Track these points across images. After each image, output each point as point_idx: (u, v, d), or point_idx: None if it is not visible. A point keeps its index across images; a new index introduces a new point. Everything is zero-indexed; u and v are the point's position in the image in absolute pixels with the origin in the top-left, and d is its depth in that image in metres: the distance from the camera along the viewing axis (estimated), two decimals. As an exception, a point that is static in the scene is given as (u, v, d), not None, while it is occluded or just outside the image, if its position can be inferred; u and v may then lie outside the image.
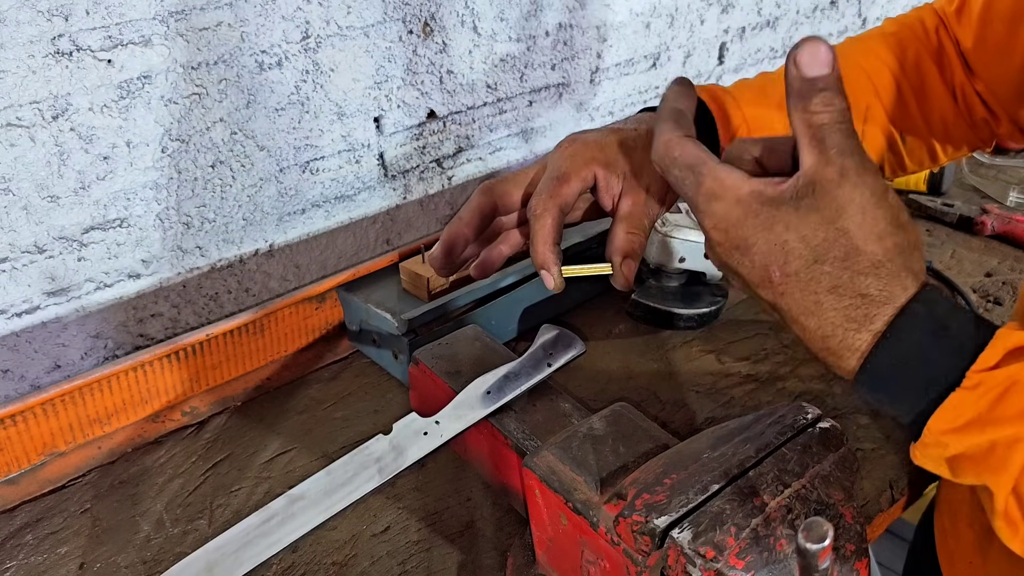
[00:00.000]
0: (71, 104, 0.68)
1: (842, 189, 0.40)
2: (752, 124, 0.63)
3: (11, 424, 0.68)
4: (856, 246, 0.40)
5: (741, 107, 0.64)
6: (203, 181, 0.78)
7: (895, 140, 0.69)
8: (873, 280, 0.40)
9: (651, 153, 0.47)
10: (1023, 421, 0.36)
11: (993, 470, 0.37)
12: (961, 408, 0.38)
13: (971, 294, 0.93)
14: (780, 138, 0.46)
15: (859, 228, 0.40)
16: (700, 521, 0.45)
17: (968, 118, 0.70)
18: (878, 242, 0.40)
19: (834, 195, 0.40)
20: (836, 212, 0.40)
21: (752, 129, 0.63)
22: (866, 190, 0.40)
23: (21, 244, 0.69)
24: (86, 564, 0.64)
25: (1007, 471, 0.37)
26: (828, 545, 0.34)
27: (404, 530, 0.66)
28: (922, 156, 0.72)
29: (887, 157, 0.71)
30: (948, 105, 0.69)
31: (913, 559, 0.92)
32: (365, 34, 0.84)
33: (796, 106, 0.41)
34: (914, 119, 0.69)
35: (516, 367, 0.66)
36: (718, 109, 0.63)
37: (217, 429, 0.78)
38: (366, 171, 0.91)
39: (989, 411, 0.37)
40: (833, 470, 0.50)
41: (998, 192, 1.16)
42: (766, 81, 0.67)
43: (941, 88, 0.69)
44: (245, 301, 0.85)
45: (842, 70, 0.52)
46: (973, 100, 0.69)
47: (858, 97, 0.67)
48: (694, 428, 0.75)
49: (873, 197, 0.40)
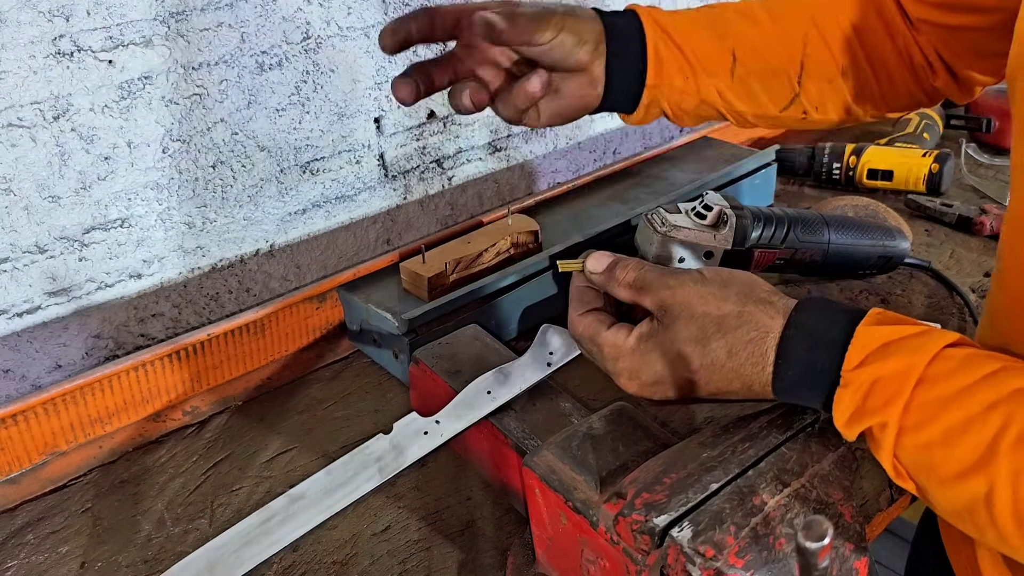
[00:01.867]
0: (72, 104, 0.68)
1: (678, 296, 0.52)
2: (684, 39, 0.65)
3: (12, 424, 0.69)
4: (719, 316, 0.50)
5: (673, 16, 0.66)
6: (204, 181, 0.78)
7: (835, 74, 0.70)
8: (745, 329, 0.50)
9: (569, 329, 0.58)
10: (886, 410, 0.44)
11: (876, 449, 0.46)
12: (842, 404, 0.46)
13: (970, 294, 0.93)
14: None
15: (709, 305, 0.51)
16: (699, 520, 0.46)
17: (909, 64, 0.71)
18: (726, 303, 0.51)
19: (677, 303, 0.51)
20: (688, 311, 0.51)
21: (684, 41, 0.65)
22: (691, 286, 0.52)
23: (22, 244, 0.69)
24: (87, 563, 0.64)
25: (885, 447, 0.45)
26: (827, 544, 0.35)
27: (404, 529, 0.66)
28: (869, 96, 0.72)
29: (829, 93, 0.71)
30: (888, 46, 0.70)
31: (915, 556, 0.92)
32: (365, 35, 0.84)
33: (607, 288, 0.55)
34: (856, 55, 0.70)
35: (516, 367, 0.67)
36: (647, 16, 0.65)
37: (218, 428, 0.79)
38: (366, 171, 0.91)
39: (863, 403, 0.45)
40: (832, 469, 0.50)
41: (997, 192, 1.16)
42: (702, 8, 0.69)
43: (880, 28, 0.70)
44: (246, 301, 0.85)
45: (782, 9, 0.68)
46: (912, 48, 0.70)
47: (793, 25, 0.68)
48: (693, 427, 0.75)
49: (695, 284, 0.52)
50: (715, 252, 0.83)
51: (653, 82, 0.66)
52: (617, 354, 0.53)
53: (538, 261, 0.87)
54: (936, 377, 0.44)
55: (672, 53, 0.65)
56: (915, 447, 0.44)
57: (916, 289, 0.95)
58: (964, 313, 0.90)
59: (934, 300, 0.93)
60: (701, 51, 0.66)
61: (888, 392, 0.45)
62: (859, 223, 0.93)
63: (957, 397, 0.43)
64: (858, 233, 0.92)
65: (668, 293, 0.52)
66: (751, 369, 0.50)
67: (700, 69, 0.66)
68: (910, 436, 0.44)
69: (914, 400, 0.44)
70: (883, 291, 0.95)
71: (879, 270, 0.96)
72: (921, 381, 0.44)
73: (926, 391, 0.44)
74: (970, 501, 0.43)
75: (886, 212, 1.02)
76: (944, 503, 0.45)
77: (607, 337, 0.54)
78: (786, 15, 0.69)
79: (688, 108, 0.68)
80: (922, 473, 0.45)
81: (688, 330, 0.51)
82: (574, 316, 0.57)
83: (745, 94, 0.69)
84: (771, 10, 0.69)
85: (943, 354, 0.45)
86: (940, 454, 0.43)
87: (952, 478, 0.43)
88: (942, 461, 0.43)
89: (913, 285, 0.96)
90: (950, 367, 0.44)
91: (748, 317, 0.50)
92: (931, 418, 0.44)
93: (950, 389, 0.44)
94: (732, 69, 0.67)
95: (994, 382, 0.43)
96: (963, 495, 0.43)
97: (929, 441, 0.44)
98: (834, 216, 0.93)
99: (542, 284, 0.87)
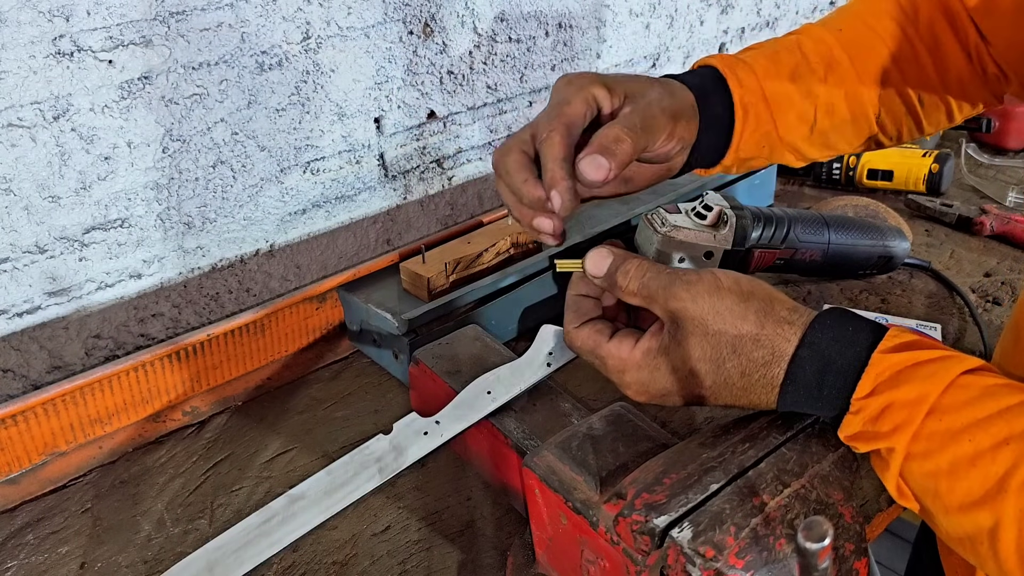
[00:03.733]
0: (72, 104, 0.68)
1: (690, 310, 0.49)
2: (771, 97, 0.63)
3: (12, 424, 0.69)
4: (735, 336, 0.48)
5: (756, 74, 0.63)
6: (204, 181, 0.78)
7: (913, 103, 0.69)
8: (761, 352, 0.48)
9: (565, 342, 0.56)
10: (894, 436, 0.44)
11: (881, 470, 0.46)
12: (850, 427, 0.46)
13: (970, 294, 0.93)
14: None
15: (725, 323, 0.48)
16: (700, 520, 0.46)
17: (982, 75, 0.70)
18: (744, 322, 0.48)
19: (691, 318, 0.49)
20: (702, 327, 0.49)
21: (770, 101, 0.63)
22: (705, 299, 0.49)
23: (22, 244, 0.69)
24: (87, 564, 0.64)
25: (891, 469, 0.45)
26: (828, 544, 0.35)
27: (404, 529, 0.66)
28: (939, 117, 0.71)
29: (905, 121, 0.70)
30: (963, 64, 0.69)
31: (916, 557, 0.92)
32: (365, 35, 0.84)
33: (612, 293, 0.52)
34: (931, 80, 0.69)
35: (516, 367, 0.67)
36: (730, 72, 0.62)
37: (218, 429, 0.79)
38: (367, 171, 0.91)
39: (871, 427, 0.45)
40: (832, 470, 0.50)
41: (997, 192, 1.16)
42: (778, 48, 0.67)
43: (955, 47, 0.69)
44: (246, 301, 0.85)
45: (853, 33, 0.66)
46: (986, 59, 0.69)
47: (871, 62, 0.67)
48: (693, 427, 0.75)
49: (710, 297, 0.49)
50: (715, 252, 0.83)
51: (729, 162, 0.64)
52: (623, 367, 0.52)
53: (538, 261, 0.87)
54: (948, 407, 0.43)
55: (757, 125, 0.63)
56: (922, 474, 0.44)
57: (916, 289, 0.95)
58: (964, 313, 0.90)
59: (934, 300, 0.93)
60: (784, 117, 0.64)
61: (898, 419, 0.44)
62: (859, 223, 0.93)
63: (968, 430, 0.42)
64: (858, 233, 0.92)
65: (680, 305, 0.49)
66: (760, 390, 0.49)
67: (778, 137, 0.64)
68: (917, 463, 0.44)
69: (924, 429, 0.43)
70: (883, 291, 0.95)
71: (879, 270, 0.96)
72: (933, 410, 0.43)
73: (937, 421, 0.43)
74: (974, 532, 0.43)
75: (886, 212, 1.02)
76: (947, 528, 0.45)
77: (609, 349, 0.52)
78: (864, 53, 0.66)
79: (750, 165, 0.67)
80: (927, 497, 0.45)
81: (701, 348, 0.49)
82: (570, 329, 0.54)
83: (821, 144, 0.68)
84: (849, 47, 0.66)
85: (959, 382, 0.44)
86: (946, 484, 0.43)
87: (956, 508, 0.43)
88: (948, 491, 0.43)
89: (913, 285, 0.96)
90: (965, 397, 0.43)
91: (765, 340, 0.48)
92: (939, 448, 0.43)
93: (962, 421, 0.43)
94: (812, 127, 0.65)
95: (1008, 417, 0.42)
96: (966, 525, 0.43)
97: (936, 470, 0.43)
98: (834, 216, 0.93)
99: (542, 284, 0.87)
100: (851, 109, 0.67)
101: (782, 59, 0.65)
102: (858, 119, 0.68)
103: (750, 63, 0.64)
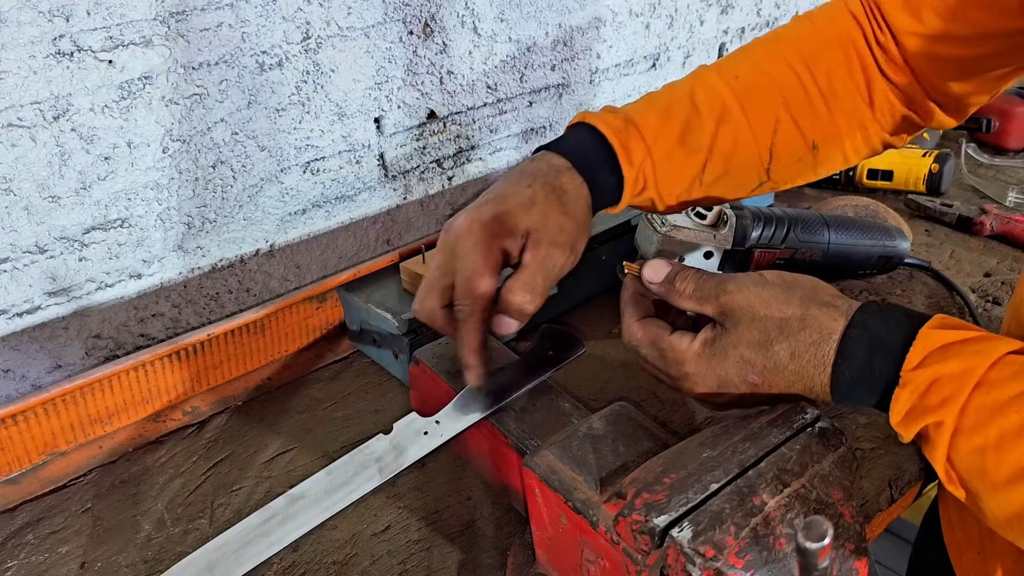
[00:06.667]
0: (72, 104, 0.68)
1: (738, 300, 0.52)
2: (657, 162, 0.63)
3: (12, 424, 0.69)
4: (781, 319, 0.51)
5: (645, 140, 0.63)
6: (204, 181, 0.78)
7: (805, 151, 0.69)
8: (808, 332, 0.50)
9: (622, 335, 0.58)
10: (943, 409, 0.45)
11: (930, 451, 0.47)
12: (899, 402, 0.47)
13: (970, 294, 0.93)
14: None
15: (771, 308, 0.51)
16: (700, 520, 0.46)
17: (890, 118, 0.70)
18: (788, 306, 0.51)
19: (739, 307, 0.52)
20: (749, 314, 0.52)
21: (656, 166, 0.63)
22: (751, 289, 0.52)
23: (22, 244, 0.69)
24: (87, 563, 0.64)
25: (939, 448, 0.45)
26: (828, 544, 0.35)
27: (404, 529, 0.66)
28: (835, 162, 0.72)
29: (797, 167, 0.70)
30: (865, 110, 0.69)
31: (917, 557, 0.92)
32: (366, 35, 0.84)
33: (667, 298, 0.56)
34: (826, 127, 0.68)
35: (516, 367, 0.67)
36: (621, 147, 0.62)
37: (218, 429, 0.79)
38: (366, 171, 0.91)
39: (920, 402, 0.46)
40: (832, 469, 0.50)
41: (997, 192, 1.16)
42: (671, 100, 0.66)
43: (854, 94, 0.68)
44: (246, 301, 0.85)
45: (748, 80, 0.68)
46: (893, 100, 0.69)
47: (765, 111, 0.67)
48: (694, 427, 0.75)
49: (756, 288, 0.52)
50: (715, 252, 0.83)
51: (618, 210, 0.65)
52: (682, 359, 0.54)
53: (538, 261, 0.86)
54: (996, 381, 0.44)
55: (644, 193, 0.64)
56: (969, 451, 0.44)
57: (916, 289, 0.95)
58: (964, 313, 0.90)
59: (934, 300, 0.93)
60: (668, 184, 0.64)
61: (946, 392, 0.45)
62: (859, 223, 0.93)
63: (1015, 402, 0.43)
64: (858, 233, 0.92)
65: (728, 298, 0.52)
66: (812, 371, 0.50)
67: (660, 198, 0.65)
68: (965, 439, 0.44)
69: (972, 402, 0.44)
70: (883, 291, 0.95)
71: (879, 270, 0.96)
72: (980, 384, 0.44)
73: (984, 394, 0.44)
74: (1021, 507, 0.43)
75: (886, 212, 1.02)
76: (995, 509, 0.45)
77: (671, 342, 0.54)
78: (757, 101, 0.67)
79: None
80: (975, 478, 0.45)
81: (750, 333, 0.51)
82: (631, 322, 0.57)
83: (713, 192, 0.68)
84: (741, 96, 0.66)
85: (1005, 360, 0.45)
86: (993, 458, 0.43)
87: (1004, 483, 0.43)
88: (995, 465, 0.43)
89: (913, 285, 0.96)
90: (1011, 372, 0.44)
91: (811, 320, 0.50)
92: (987, 421, 0.44)
93: (1009, 393, 0.43)
94: (700, 178, 0.66)
95: None
96: (1014, 501, 0.43)
97: (983, 444, 0.44)
98: (834, 216, 0.93)
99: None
100: (740, 160, 0.66)
101: (674, 114, 0.65)
102: (747, 168, 0.67)
103: (640, 127, 0.63)
